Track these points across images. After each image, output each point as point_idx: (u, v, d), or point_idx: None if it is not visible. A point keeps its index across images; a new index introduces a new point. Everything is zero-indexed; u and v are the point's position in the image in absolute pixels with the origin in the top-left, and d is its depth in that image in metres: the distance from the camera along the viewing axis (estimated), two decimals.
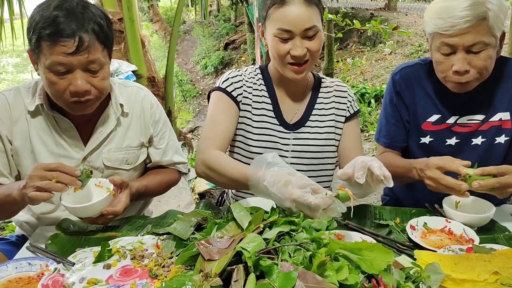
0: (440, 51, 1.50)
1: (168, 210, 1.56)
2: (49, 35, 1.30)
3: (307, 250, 1.05)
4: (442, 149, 1.68)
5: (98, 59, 1.37)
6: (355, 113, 1.73)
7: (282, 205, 1.23)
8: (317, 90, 1.71)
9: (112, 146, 1.58)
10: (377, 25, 5.00)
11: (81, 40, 1.31)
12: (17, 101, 1.50)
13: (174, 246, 1.25)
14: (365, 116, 5.95)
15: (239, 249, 1.03)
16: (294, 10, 1.46)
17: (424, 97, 1.70)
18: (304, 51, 1.49)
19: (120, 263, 1.20)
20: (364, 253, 1.07)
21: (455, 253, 1.21)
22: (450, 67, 1.48)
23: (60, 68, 1.33)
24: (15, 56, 15.29)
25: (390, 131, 1.80)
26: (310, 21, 1.47)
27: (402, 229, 1.40)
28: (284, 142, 1.64)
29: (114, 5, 3.41)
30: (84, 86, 1.36)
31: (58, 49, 1.30)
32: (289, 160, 1.64)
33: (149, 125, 1.66)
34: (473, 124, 1.64)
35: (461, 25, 1.40)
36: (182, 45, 14.96)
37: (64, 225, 1.42)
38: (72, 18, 1.31)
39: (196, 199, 3.32)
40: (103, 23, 1.38)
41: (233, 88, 1.62)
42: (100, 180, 1.42)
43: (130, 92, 1.65)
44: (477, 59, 1.45)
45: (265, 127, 1.64)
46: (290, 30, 1.47)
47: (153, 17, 14.21)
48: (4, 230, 3.34)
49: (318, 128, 1.67)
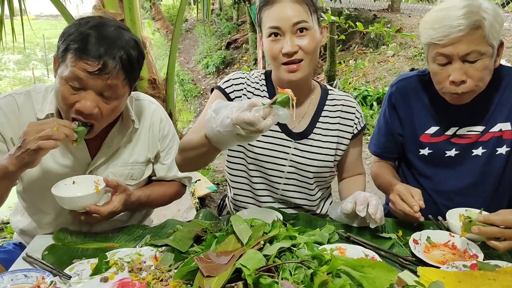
0: (436, 62, 1.48)
1: (167, 220, 1.54)
2: (76, 50, 1.30)
3: (308, 267, 1.03)
4: (442, 161, 1.67)
5: (116, 86, 1.35)
6: (361, 129, 1.71)
7: (233, 140, 1.17)
8: (323, 102, 1.67)
9: (119, 161, 1.56)
10: (380, 27, 4.98)
11: (105, 64, 1.30)
12: (27, 105, 1.48)
13: (173, 259, 1.23)
14: (367, 119, 5.93)
15: (239, 266, 1.01)
16: (282, 7, 1.45)
17: (422, 109, 1.68)
18: (295, 48, 1.45)
19: (117, 276, 1.18)
20: (367, 270, 1.05)
21: (459, 269, 1.19)
22: (447, 78, 1.46)
23: (75, 83, 1.32)
24: (16, 53, 15.30)
25: (380, 142, 1.83)
26: (298, 16, 1.44)
27: (405, 242, 1.37)
28: (284, 150, 1.61)
29: (116, 6, 3.38)
30: (91, 109, 1.33)
31: (81, 65, 1.29)
32: (287, 169, 1.61)
33: (157, 140, 1.64)
34: (473, 135, 1.62)
35: (454, 34, 1.38)
36: (184, 44, 14.96)
37: (62, 236, 1.40)
38: (103, 42, 1.30)
39: (196, 203, 3.30)
40: (133, 54, 1.37)
41: (232, 90, 1.60)
42: (99, 178, 1.43)
43: (141, 105, 1.62)
44: (473, 69, 1.43)
45: (265, 134, 1.61)
46: (279, 26, 1.45)
47: (155, 16, 14.21)
48: (3, 231, 3.33)
49: (320, 142, 1.63)
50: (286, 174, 1.62)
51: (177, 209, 3.03)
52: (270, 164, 1.61)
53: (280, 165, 1.61)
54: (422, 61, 6.99)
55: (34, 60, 16.76)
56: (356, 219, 1.47)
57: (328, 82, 6.23)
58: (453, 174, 1.67)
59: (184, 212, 3.01)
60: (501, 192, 1.67)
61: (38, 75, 14.75)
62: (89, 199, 1.36)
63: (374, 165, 1.88)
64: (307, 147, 1.62)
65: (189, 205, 3.10)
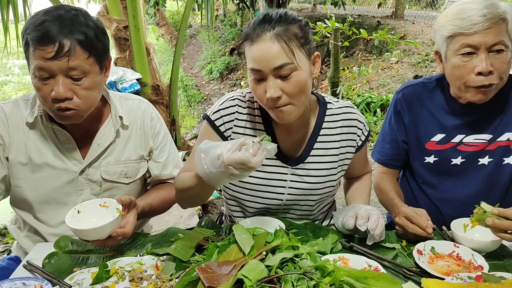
0: (460, 53, 1.45)
1: (169, 228, 1.53)
2: (32, 40, 1.29)
3: (311, 279, 1.01)
4: (447, 169, 1.65)
5: (80, 66, 1.33)
6: (366, 138, 1.61)
7: (226, 179, 1.17)
8: (321, 119, 1.55)
9: (110, 159, 1.56)
10: (384, 34, 4.98)
11: (61, 45, 1.28)
12: (14, 113, 1.49)
13: (174, 268, 1.22)
14: (370, 125, 5.91)
15: (241, 277, 1.00)
16: (262, 46, 1.29)
17: (428, 116, 1.66)
18: (278, 93, 1.30)
19: (118, 285, 1.18)
20: (370, 282, 1.04)
21: (464, 281, 1.17)
22: (471, 70, 1.44)
23: (42, 73, 1.31)
24: (21, 58, 15.38)
25: (385, 149, 1.80)
26: (279, 59, 1.27)
27: (408, 253, 1.36)
28: (281, 177, 1.53)
29: (120, 13, 3.40)
30: (64, 93, 1.32)
31: (39, 53, 1.29)
32: (285, 197, 1.55)
33: (149, 137, 1.63)
34: (479, 144, 1.60)
35: (483, 23, 1.38)
36: (188, 49, 15.01)
37: (62, 243, 1.39)
38: (57, 24, 1.30)
39: (199, 210, 3.29)
40: (89, 31, 1.34)
41: (222, 122, 1.50)
42: (106, 200, 1.37)
43: (131, 104, 1.62)
44: (498, 61, 1.42)
45: None
46: (260, 70, 1.30)
47: (160, 21, 14.30)
48: (5, 237, 3.33)
49: (320, 164, 1.54)
50: (285, 202, 1.56)
51: (179, 215, 3.02)
52: (267, 194, 1.54)
53: (278, 194, 1.55)
54: (425, 68, 6.98)
55: None
56: (358, 232, 1.43)
57: (331, 88, 6.23)
58: (458, 183, 1.66)
59: (186, 219, 2.99)
60: (507, 202, 1.63)
61: None
62: (115, 223, 1.29)
63: (376, 175, 1.84)
64: (305, 171, 1.54)
65: (191, 211, 3.09)
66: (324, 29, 5.14)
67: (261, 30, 1.30)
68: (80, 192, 1.54)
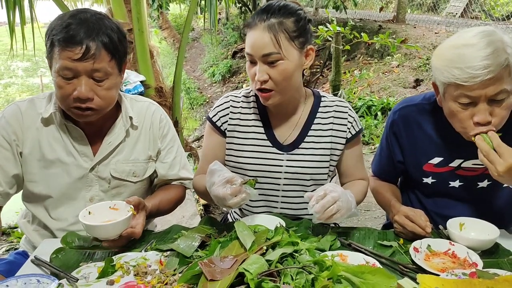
0: (457, 101, 1.35)
1: (172, 225, 1.57)
2: (59, 41, 1.36)
3: (309, 273, 1.05)
4: (445, 190, 1.63)
5: (104, 68, 1.40)
6: (356, 133, 1.67)
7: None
8: (315, 110, 1.66)
9: (120, 157, 1.60)
10: (385, 38, 5.01)
11: (88, 48, 1.35)
12: (30, 110, 1.54)
13: (177, 263, 1.26)
14: (371, 128, 5.94)
15: (242, 270, 1.04)
16: (255, 34, 1.46)
17: (425, 139, 1.61)
18: (265, 77, 1.46)
19: (123, 279, 1.21)
20: (367, 277, 1.08)
21: (458, 277, 1.20)
22: (469, 117, 1.35)
23: (67, 73, 1.38)
24: (25, 60, 15.47)
25: (381, 164, 1.81)
26: (267, 47, 1.44)
27: (405, 250, 1.39)
28: (277, 163, 1.63)
29: (124, 16, 3.45)
30: (87, 93, 1.39)
31: (66, 54, 1.35)
32: (282, 182, 1.64)
33: (158, 139, 1.68)
34: (478, 168, 1.56)
35: (483, 76, 1.25)
36: (190, 52, 15.07)
37: (69, 239, 1.43)
38: (83, 27, 1.36)
39: (201, 210, 3.33)
40: (114, 35, 1.42)
41: (218, 117, 1.67)
42: (115, 202, 1.43)
43: (141, 106, 1.68)
44: (499, 109, 1.33)
45: (257, 150, 1.63)
46: (251, 54, 1.48)
47: (163, 24, 14.35)
48: (10, 236, 3.36)
49: (313, 150, 1.63)
50: (282, 186, 1.64)
51: (181, 215, 3.06)
52: (265, 179, 1.63)
53: (275, 179, 1.63)
54: (426, 72, 7.02)
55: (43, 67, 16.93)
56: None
57: (333, 91, 6.26)
58: (457, 203, 1.65)
59: (189, 219, 3.03)
60: (507, 223, 1.63)
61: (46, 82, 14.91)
62: (127, 222, 1.34)
63: (372, 179, 1.85)
64: (299, 156, 1.63)
65: (193, 211, 3.13)
66: (326, 33, 5.17)
67: (258, 19, 1.47)
68: (90, 188, 1.58)
